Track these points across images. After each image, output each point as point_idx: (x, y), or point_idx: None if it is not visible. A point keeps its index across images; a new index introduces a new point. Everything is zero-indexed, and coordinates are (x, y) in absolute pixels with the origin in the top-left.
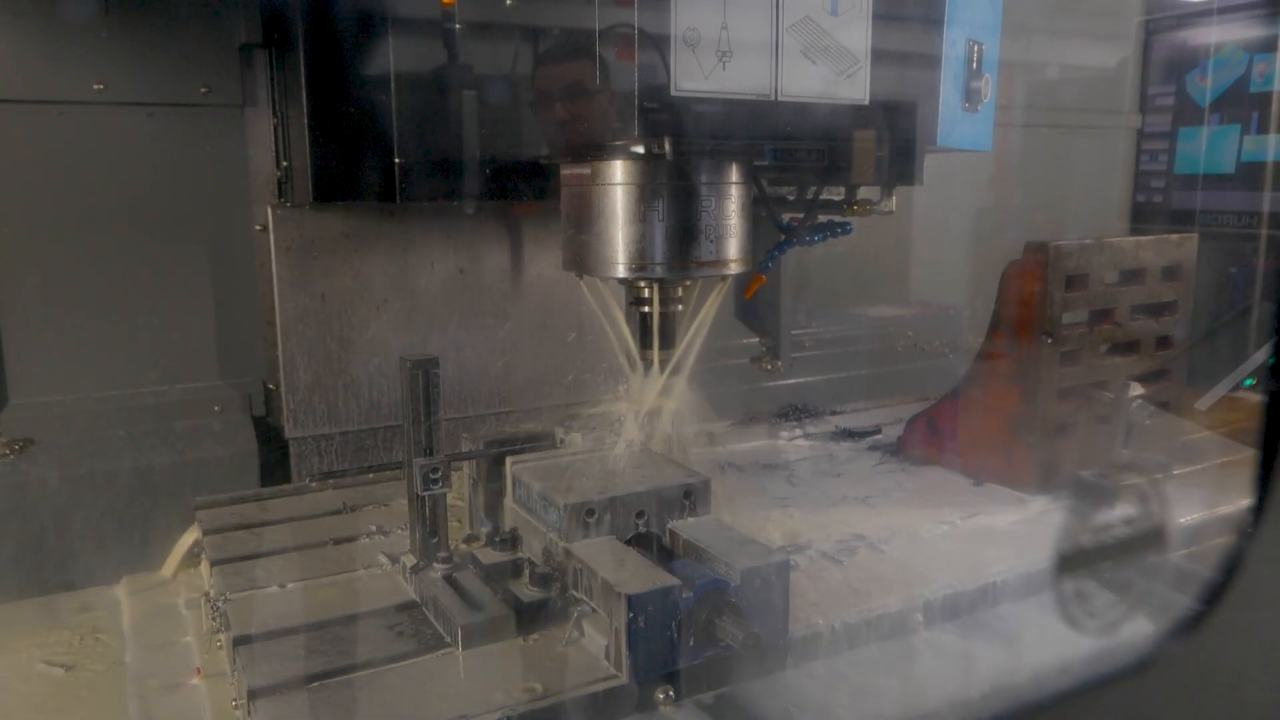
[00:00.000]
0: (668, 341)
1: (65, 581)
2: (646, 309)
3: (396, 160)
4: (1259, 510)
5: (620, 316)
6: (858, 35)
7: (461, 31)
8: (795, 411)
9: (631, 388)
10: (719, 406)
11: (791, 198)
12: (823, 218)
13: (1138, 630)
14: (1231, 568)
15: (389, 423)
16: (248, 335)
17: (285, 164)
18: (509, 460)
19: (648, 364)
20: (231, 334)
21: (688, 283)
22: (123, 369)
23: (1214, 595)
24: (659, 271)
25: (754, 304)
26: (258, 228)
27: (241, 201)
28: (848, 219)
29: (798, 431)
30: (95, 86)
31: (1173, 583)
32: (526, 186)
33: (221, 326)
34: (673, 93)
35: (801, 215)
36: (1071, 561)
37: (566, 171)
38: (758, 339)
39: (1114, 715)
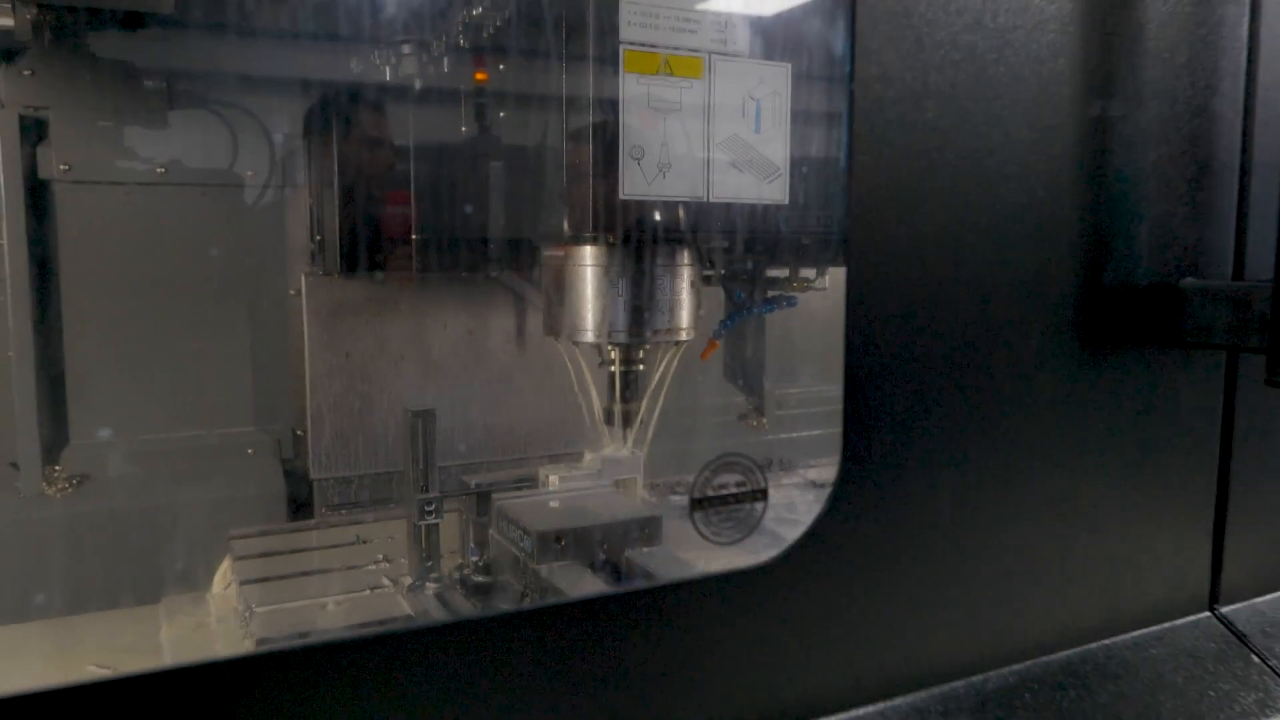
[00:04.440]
0: (630, 396)
1: (110, 600)
2: (612, 369)
3: (414, 236)
4: (843, 457)
5: (588, 376)
6: (778, 149)
7: (465, 136)
8: (771, 464)
9: (603, 437)
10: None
11: (746, 276)
12: (772, 292)
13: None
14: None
15: (402, 467)
16: (279, 387)
17: (319, 238)
18: (494, 497)
19: (613, 416)
20: (265, 386)
21: (647, 347)
22: (168, 415)
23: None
24: (621, 337)
25: (740, 366)
26: (292, 293)
27: (278, 270)
28: (793, 294)
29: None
30: (158, 170)
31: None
32: (522, 261)
33: (256, 379)
34: (621, 196)
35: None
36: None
37: (546, 253)
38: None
39: (744, 595)
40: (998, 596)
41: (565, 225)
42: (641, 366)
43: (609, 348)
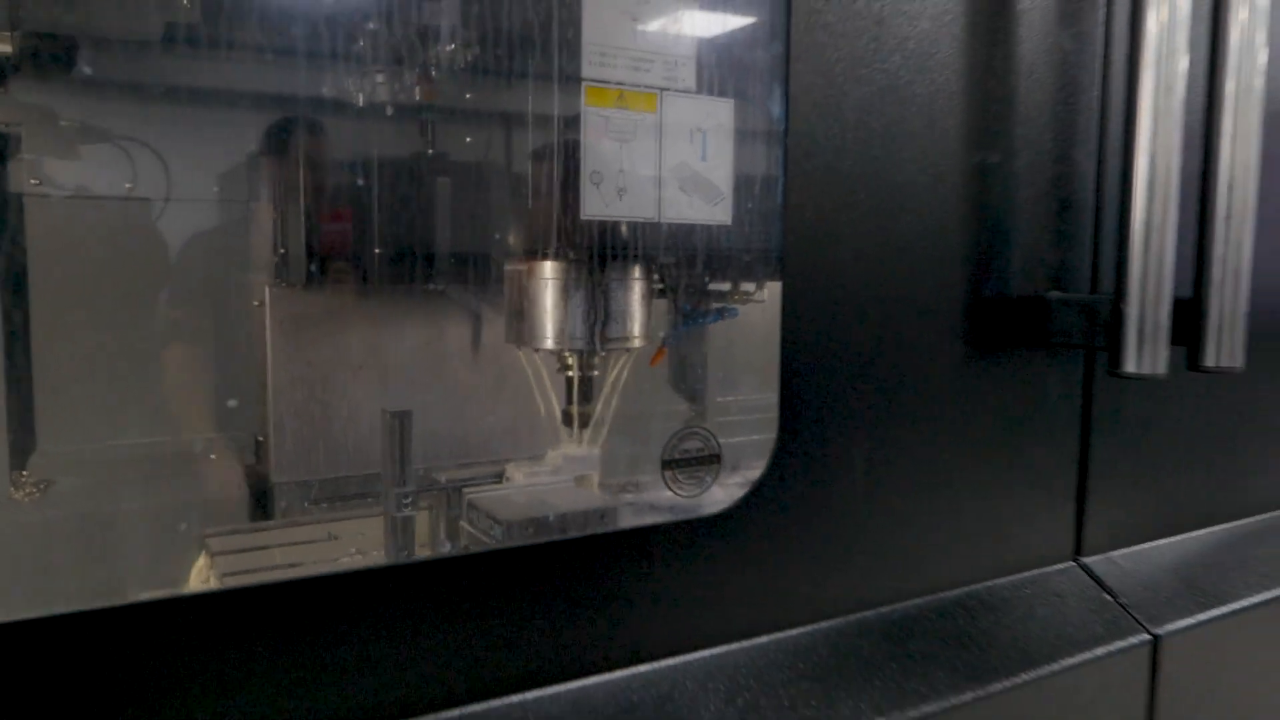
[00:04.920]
0: (586, 398)
1: (84, 600)
2: (570, 373)
3: (376, 250)
4: (779, 431)
5: (547, 381)
6: (722, 175)
7: (429, 155)
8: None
9: (562, 437)
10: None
11: (692, 289)
12: (716, 305)
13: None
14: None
15: (360, 471)
16: (241, 394)
17: (283, 251)
18: (464, 491)
19: (571, 417)
20: (227, 393)
21: (602, 354)
22: (133, 422)
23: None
24: (579, 345)
25: (684, 375)
26: (255, 304)
27: (242, 282)
28: (734, 305)
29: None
30: (125, 185)
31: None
32: (475, 275)
33: (219, 387)
34: (583, 217)
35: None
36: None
37: (509, 268)
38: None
39: (703, 537)
40: (902, 546)
41: (529, 242)
42: (597, 372)
43: (567, 354)
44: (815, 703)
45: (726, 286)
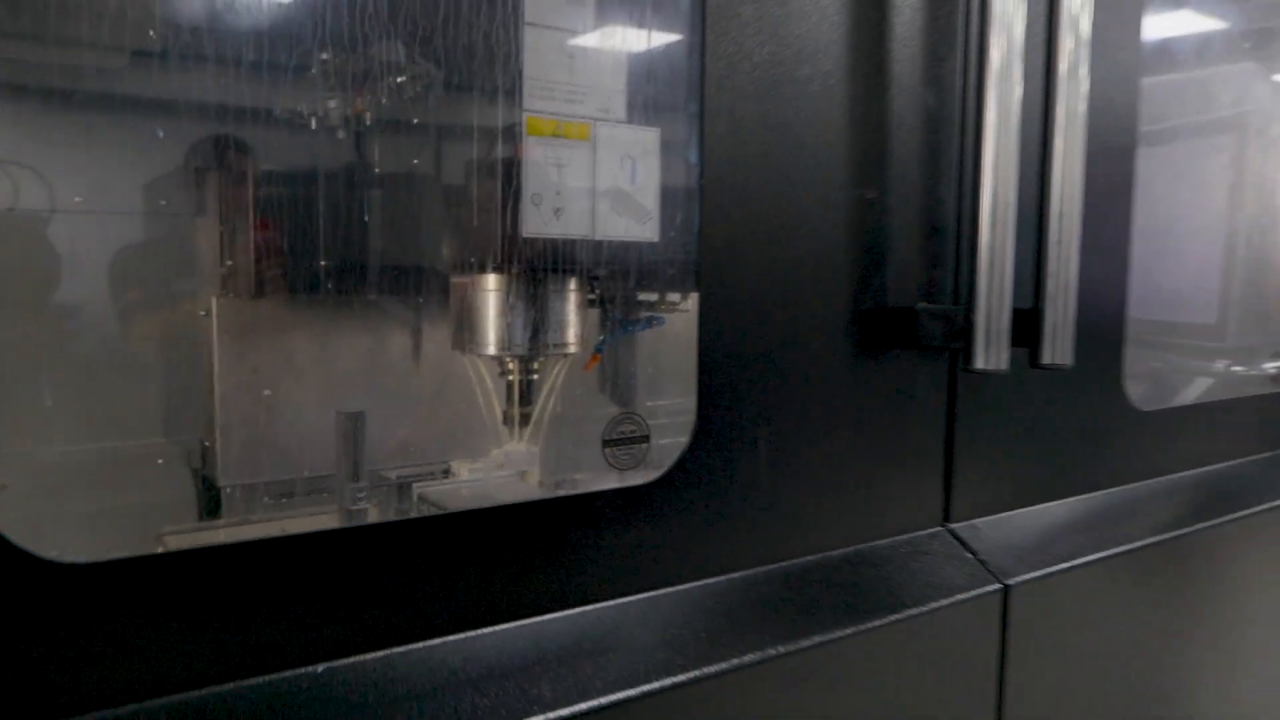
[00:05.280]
0: (526, 400)
1: None
2: (511, 378)
3: (322, 263)
4: (698, 415)
5: (489, 384)
6: (649, 197)
7: (377, 177)
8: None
9: (503, 436)
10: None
11: (623, 300)
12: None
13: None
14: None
15: (304, 474)
16: (188, 401)
17: (229, 263)
18: (414, 486)
19: (511, 418)
20: (175, 400)
21: (540, 359)
22: (83, 427)
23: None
24: (519, 351)
25: (615, 380)
26: (201, 314)
27: (189, 293)
28: (661, 314)
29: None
30: (75, 199)
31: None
32: (423, 286)
33: (167, 394)
34: (523, 235)
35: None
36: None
37: (455, 280)
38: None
39: (632, 504)
40: (798, 513)
41: (474, 257)
42: (536, 376)
43: (509, 360)
44: (728, 636)
45: (655, 297)
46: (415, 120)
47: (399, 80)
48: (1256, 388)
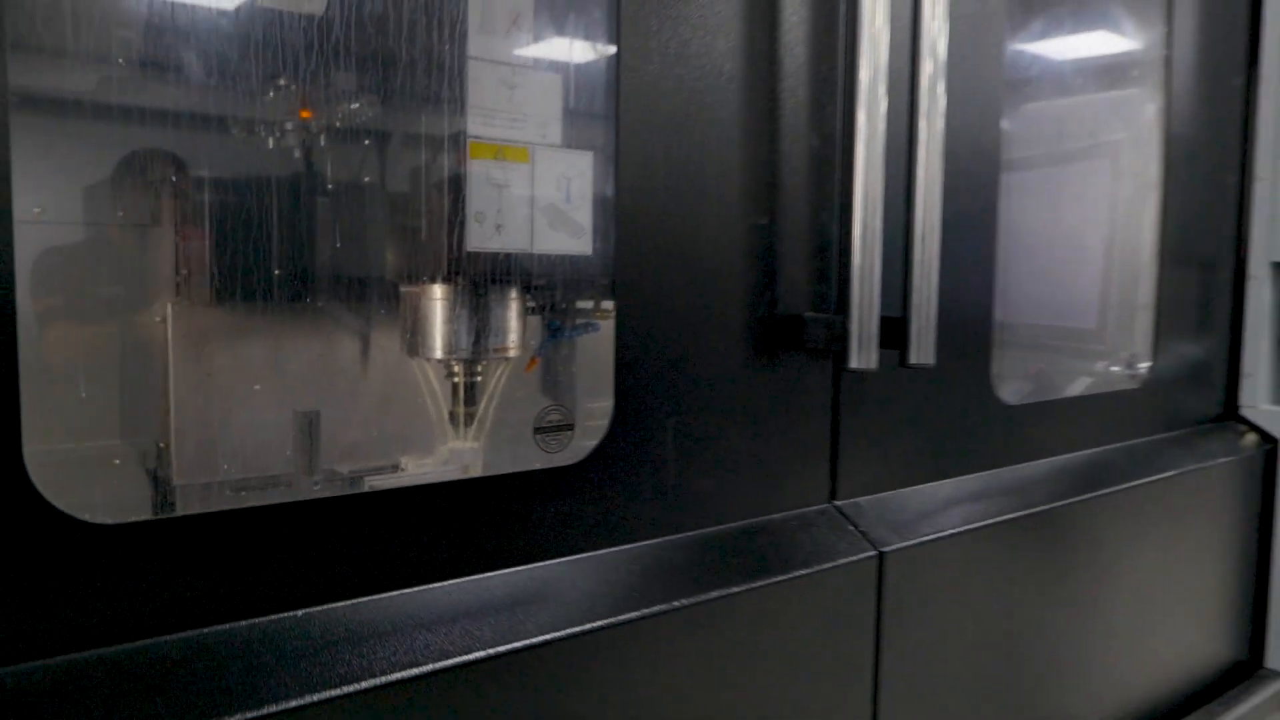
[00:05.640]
0: (470, 401)
1: None
2: (456, 379)
3: (276, 272)
4: (615, 406)
5: (436, 386)
6: (583, 215)
7: (328, 187)
8: None
9: (450, 434)
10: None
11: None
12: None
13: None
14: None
15: (256, 473)
16: (143, 404)
17: (184, 271)
18: (366, 479)
19: (457, 417)
20: (130, 402)
21: (483, 362)
22: (41, 429)
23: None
24: (464, 354)
25: (555, 383)
26: (157, 320)
27: (145, 299)
28: (596, 320)
29: None
30: (35, 210)
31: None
32: (374, 295)
33: (122, 396)
34: (468, 249)
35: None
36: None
37: (404, 289)
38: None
39: (559, 482)
40: (702, 491)
41: (423, 268)
42: (479, 378)
43: (454, 363)
44: (640, 591)
45: (590, 305)
46: (367, 142)
47: (353, 106)
48: (1120, 385)
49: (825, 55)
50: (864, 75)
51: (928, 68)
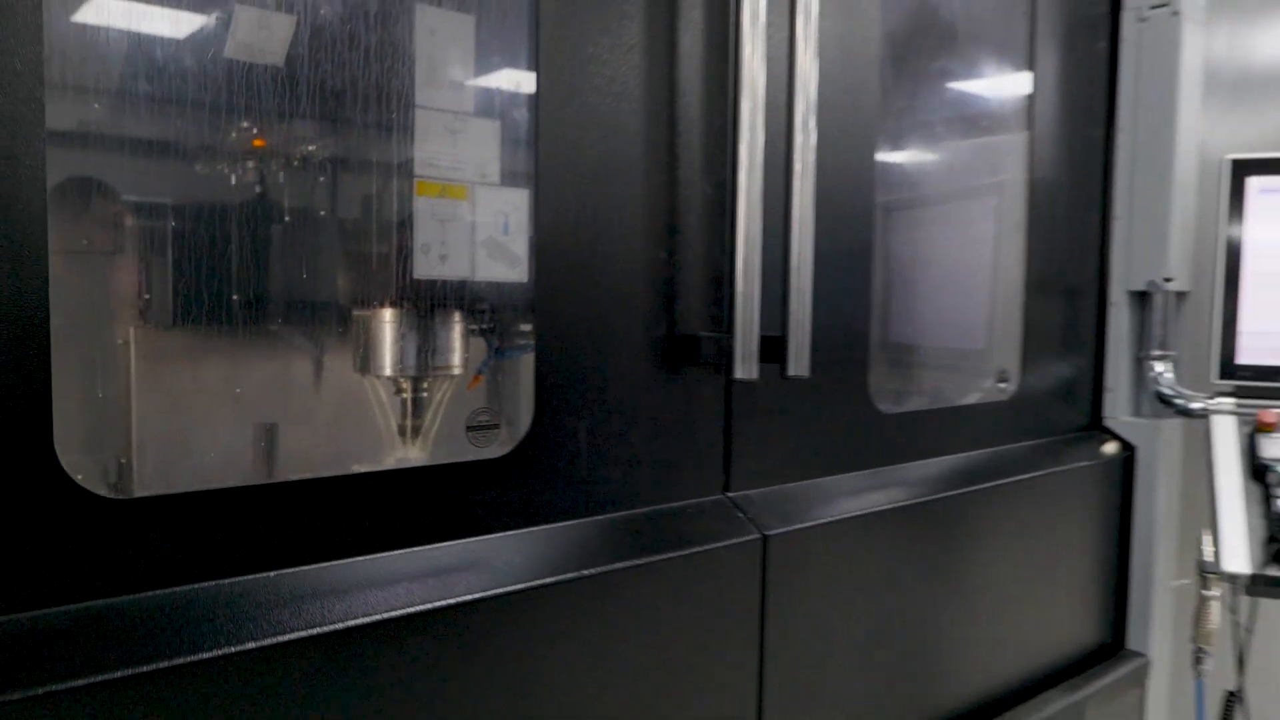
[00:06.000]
0: (418, 414)
1: None
2: (404, 395)
3: (235, 297)
4: (535, 407)
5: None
6: (520, 246)
7: (286, 219)
8: None
9: (399, 446)
10: None
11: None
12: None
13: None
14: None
15: (211, 486)
16: (105, 421)
17: (147, 296)
18: None
19: (405, 430)
20: (93, 420)
21: (429, 380)
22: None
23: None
24: (411, 372)
25: (498, 396)
26: (120, 342)
27: (109, 323)
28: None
29: None
30: None
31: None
32: (329, 318)
33: (85, 414)
34: (415, 276)
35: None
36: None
37: (356, 313)
38: None
39: (488, 473)
40: (612, 481)
41: (374, 294)
42: (426, 393)
43: (402, 380)
44: (559, 559)
45: (528, 327)
46: (322, 179)
47: (309, 149)
48: (993, 398)
49: (718, 110)
50: (745, 121)
51: (801, 106)
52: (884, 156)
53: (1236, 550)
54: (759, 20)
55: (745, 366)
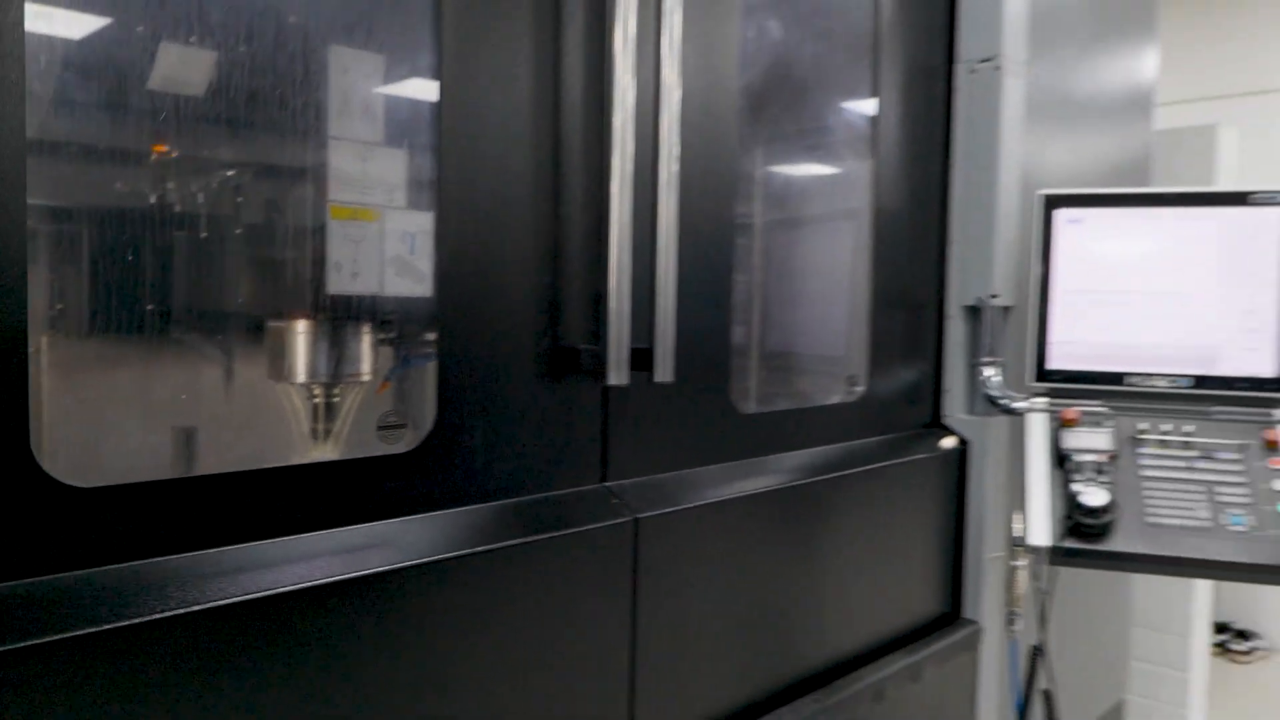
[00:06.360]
0: (330, 418)
1: None
2: (317, 400)
3: (149, 307)
4: (438, 408)
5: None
6: (425, 264)
7: (201, 234)
8: None
9: (311, 448)
10: None
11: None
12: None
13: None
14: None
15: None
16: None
17: (60, 305)
18: None
19: (317, 433)
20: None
21: (340, 386)
22: None
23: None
24: (323, 379)
25: (404, 399)
26: (33, 350)
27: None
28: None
29: None
30: None
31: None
32: (250, 329)
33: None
34: (328, 292)
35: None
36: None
37: (272, 324)
38: None
39: (396, 468)
40: (500, 474)
41: (291, 307)
42: (337, 399)
43: (315, 387)
44: (457, 538)
45: (432, 337)
46: (240, 200)
47: (229, 174)
48: (844, 399)
49: (596, 142)
50: (616, 137)
51: (666, 120)
52: (750, 184)
53: (1040, 526)
54: (629, 41)
55: (617, 374)
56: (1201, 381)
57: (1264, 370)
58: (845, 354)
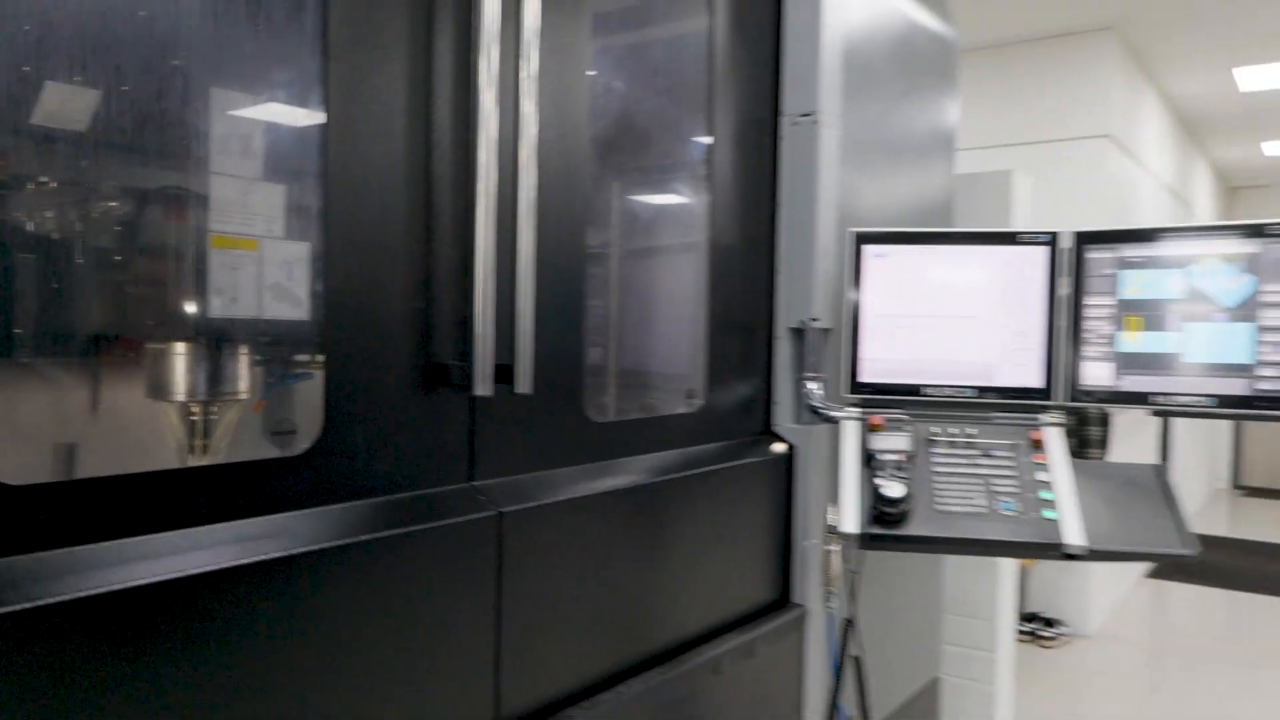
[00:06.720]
0: (207, 435)
1: None
2: (194, 417)
3: (17, 331)
4: (324, 414)
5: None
6: (302, 290)
7: (80, 262)
8: None
9: (190, 462)
10: None
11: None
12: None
13: None
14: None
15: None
16: None
17: None
18: None
19: (194, 448)
20: None
21: (218, 404)
22: None
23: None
24: (201, 397)
25: (292, 410)
26: None
27: None
28: (313, 370)
29: None
30: None
31: None
32: (130, 350)
33: None
34: (209, 315)
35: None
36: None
37: (151, 346)
38: None
39: (292, 469)
40: (381, 471)
41: (172, 330)
42: (215, 416)
43: (192, 405)
44: (339, 529)
45: (308, 358)
46: (118, 229)
47: (112, 204)
48: (684, 410)
49: (463, 182)
50: (481, 165)
51: (525, 148)
52: (604, 217)
53: (850, 516)
54: (492, 70)
55: (483, 386)
56: (983, 391)
57: (1032, 382)
58: (687, 370)
